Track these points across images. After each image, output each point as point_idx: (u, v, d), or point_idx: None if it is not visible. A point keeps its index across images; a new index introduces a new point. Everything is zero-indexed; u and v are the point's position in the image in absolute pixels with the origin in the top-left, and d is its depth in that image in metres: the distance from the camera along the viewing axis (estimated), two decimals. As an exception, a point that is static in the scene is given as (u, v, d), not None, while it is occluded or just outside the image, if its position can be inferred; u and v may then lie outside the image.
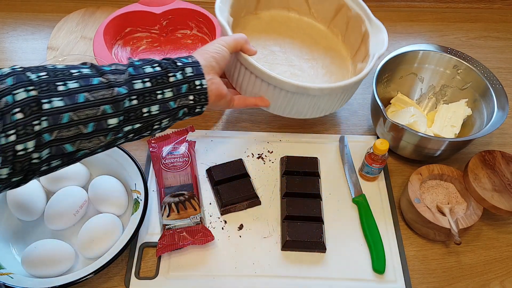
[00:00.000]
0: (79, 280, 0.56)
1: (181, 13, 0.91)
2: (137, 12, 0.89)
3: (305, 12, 0.86)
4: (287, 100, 0.68)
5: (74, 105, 0.45)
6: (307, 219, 0.67)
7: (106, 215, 0.65)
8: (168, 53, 0.91)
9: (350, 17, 0.81)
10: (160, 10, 0.90)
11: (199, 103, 0.56)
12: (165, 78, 0.52)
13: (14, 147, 0.42)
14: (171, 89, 0.53)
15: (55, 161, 0.47)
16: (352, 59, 0.82)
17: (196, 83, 0.55)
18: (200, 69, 0.55)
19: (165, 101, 0.52)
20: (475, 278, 0.65)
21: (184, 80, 0.54)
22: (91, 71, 0.49)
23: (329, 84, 0.67)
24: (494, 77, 0.75)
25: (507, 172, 0.68)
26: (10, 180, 0.44)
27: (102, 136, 0.48)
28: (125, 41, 0.90)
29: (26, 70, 0.45)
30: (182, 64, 0.54)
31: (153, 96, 0.51)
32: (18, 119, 0.42)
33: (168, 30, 0.93)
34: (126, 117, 0.49)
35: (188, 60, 0.56)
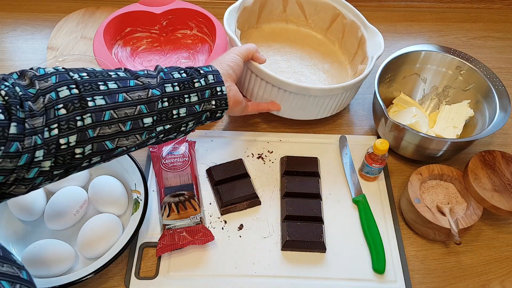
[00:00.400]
0: (79, 280, 0.56)
1: (181, 13, 0.91)
2: (137, 12, 0.89)
3: (303, 23, 0.92)
4: (295, 103, 0.73)
5: (114, 104, 0.49)
6: (307, 219, 0.67)
7: (106, 215, 0.65)
8: (168, 53, 0.91)
9: (346, 24, 0.86)
10: (160, 10, 0.90)
11: (220, 108, 0.61)
12: (191, 83, 0.57)
13: (58, 141, 0.45)
14: (196, 94, 0.57)
15: (96, 157, 0.50)
16: (350, 63, 0.86)
17: (217, 89, 0.60)
18: (220, 77, 0.60)
19: (191, 104, 0.57)
20: (475, 278, 0.65)
21: (207, 86, 0.58)
22: (126, 74, 0.53)
23: (332, 85, 0.71)
24: (497, 78, 0.75)
25: (507, 172, 0.68)
26: (52, 173, 0.47)
27: (138, 135, 0.52)
28: (125, 41, 0.90)
29: (69, 71, 0.48)
30: (204, 72, 0.59)
31: (181, 99, 0.55)
32: (61, 114, 0.45)
33: (168, 30, 0.93)
34: (158, 117, 0.53)
35: (209, 68, 0.60)
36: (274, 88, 0.71)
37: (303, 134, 0.80)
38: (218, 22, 0.88)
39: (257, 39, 0.88)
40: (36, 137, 0.43)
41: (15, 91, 0.43)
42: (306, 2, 0.88)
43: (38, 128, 0.43)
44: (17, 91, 0.43)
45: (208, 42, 0.92)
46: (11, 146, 0.41)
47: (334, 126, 0.83)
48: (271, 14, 0.89)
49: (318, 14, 0.89)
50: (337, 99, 0.75)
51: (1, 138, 0.41)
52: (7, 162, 0.41)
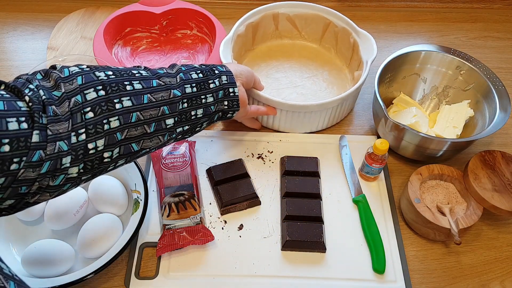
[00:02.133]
0: (79, 280, 0.56)
1: (181, 13, 0.91)
2: (137, 12, 0.89)
3: (297, 36, 0.94)
4: (295, 119, 0.77)
5: (140, 105, 0.48)
6: (307, 219, 0.67)
7: (106, 215, 0.65)
8: (168, 53, 0.91)
9: (337, 31, 0.89)
10: (160, 10, 0.90)
11: (232, 109, 0.62)
12: (206, 84, 0.57)
13: (86, 145, 0.44)
14: (212, 94, 0.58)
15: (122, 160, 0.49)
16: (348, 68, 0.89)
17: (230, 90, 0.61)
18: (232, 78, 0.61)
19: (207, 105, 0.57)
20: (475, 278, 0.65)
21: (221, 86, 0.60)
22: (148, 73, 0.52)
23: (329, 99, 0.74)
24: (497, 78, 0.75)
25: (507, 172, 0.68)
26: (80, 179, 0.46)
27: (161, 136, 0.52)
28: (125, 41, 0.90)
29: (94, 70, 0.47)
30: (219, 72, 0.60)
31: (199, 100, 0.56)
32: (88, 118, 0.44)
33: (168, 30, 0.93)
34: (179, 118, 0.53)
35: (223, 69, 0.61)
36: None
37: (303, 134, 0.80)
38: (218, 22, 0.88)
39: (255, 59, 0.91)
40: (61, 143, 0.42)
41: (39, 95, 0.41)
42: (296, 17, 0.91)
43: (64, 133, 0.42)
44: (40, 95, 0.42)
45: (208, 42, 0.92)
46: (33, 155, 0.40)
47: (334, 126, 0.83)
48: (265, 34, 0.92)
49: (309, 26, 0.92)
50: (336, 110, 0.78)
51: (24, 148, 0.39)
52: (29, 171, 0.40)
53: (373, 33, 0.84)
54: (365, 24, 0.92)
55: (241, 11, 0.88)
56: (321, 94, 0.85)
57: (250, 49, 0.92)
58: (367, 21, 1.05)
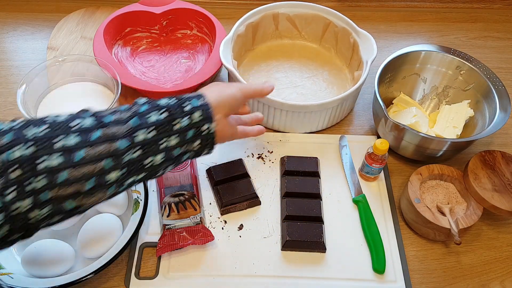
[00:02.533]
0: (79, 280, 0.56)
1: (181, 13, 0.91)
2: (137, 12, 0.89)
3: (297, 36, 0.94)
4: (295, 119, 0.76)
5: (72, 162, 0.43)
6: (307, 219, 0.67)
7: (106, 215, 0.65)
8: (168, 53, 0.91)
9: (337, 31, 0.89)
10: (160, 10, 0.90)
11: (206, 148, 0.55)
12: (169, 126, 0.50)
13: (11, 206, 0.41)
14: (177, 136, 0.50)
15: (57, 216, 0.45)
16: (348, 68, 0.89)
17: (203, 128, 0.52)
18: (209, 112, 0.53)
19: (170, 149, 0.50)
20: (475, 278, 0.65)
21: (191, 125, 0.51)
22: (91, 124, 0.46)
23: (329, 99, 0.74)
24: (497, 78, 0.75)
25: (507, 172, 0.68)
26: (12, 237, 0.43)
27: (103, 191, 0.46)
28: (125, 41, 0.90)
29: (27, 125, 0.44)
30: (190, 108, 0.52)
31: (157, 146, 0.49)
32: (13, 177, 0.41)
33: (168, 30, 0.93)
34: (128, 170, 0.47)
35: (199, 101, 0.53)
36: (271, 108, 0.75)
37: (303, 134, 0.80)
38: (218, 22, 0.88)
39: (255, 59, 0.91)
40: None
41: None
42: (296, 17, 0.91)
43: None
44: None
45: (208, 42, 0.92)
46: None
47: (334, 126, 0.83)
48: (265, 34, 0.92)
49: (309, 26, 0.92)
50: (336, 110, 0.78)
51: None
52: None
53: (373, 33, 0.84)
54: (365, 24, 0.92)
55: (241, 11, 0.88)
56: (321, 94, 0.85)
57: (250, 49, 0.92)
58: (367, 21, 1.05)
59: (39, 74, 0.79)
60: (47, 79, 0.81)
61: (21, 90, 0.75)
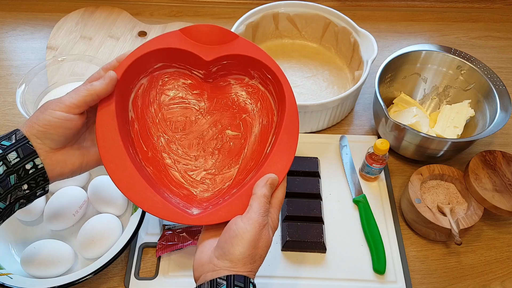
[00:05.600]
0: (78, 281, 0.56)
1: (242, 60, 0.56)
2: (174, 50, 0.55)
3: (297, 35, 0.94)
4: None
5: None
6: (307, 219, 0.67)
7: (105, 215, 0.65)
8: (211, 111, 0.58)
9: (338, 31, 0.88)
10: (212, 55, 0.55)
11: (39, 187, 0.47)
12: None
13: None
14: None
15: None
16: (349, 67, 0.89)
17: (27, 167, 0.45)
18: (30, 147, 0.45)
19: None
20: (475, 279, 0.65)
21: (10, 170, 0.44)
22: None
23: (329, 99, 0.73)
24: (498, 78, 0.75)
25: (507, 172, 0.68)
26: None
27: None
28: (151, 79, 0.56)
29: None
30: (1, 152, 0.44)
31: None
32: None
33: (218, 75, 0.58)
34: None
35: (12, 140, 0.44)
36: None
37: (303, 134, 0.80)
38: (289, 89, 0.54)
39: None
40: None
41: None
42: (296, 17, 0.90)
43: None
44: None
45: (269, 100, 0.57)
46: None
47: (335, 126, 0.82)
48: (265, 34, 0.92)
49: (309, 26, 0.91)
50: (337, 110, 0.78)
51: None
52: None
53: (373, 32, 0.84)
54: (365, 24, 0.92)
55: (241, 11, 0.88)
56: (321, 94, 0.85)
57: None
58: (367, 20, 1.04)
59: (38, 73, 0.79)
60: (47, 79, 0.81)
61: (20, 89, 0.75)
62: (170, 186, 0.53)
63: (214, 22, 0.99)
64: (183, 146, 0.56)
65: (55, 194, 0.66)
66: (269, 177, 0.47)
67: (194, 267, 0.45)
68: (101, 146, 0.48)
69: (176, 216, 0.47)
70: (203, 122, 0.58)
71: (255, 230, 0.43)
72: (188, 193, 0.53)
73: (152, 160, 0.54)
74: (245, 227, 0.43)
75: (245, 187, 0.49)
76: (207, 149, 0.57)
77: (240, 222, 0.44)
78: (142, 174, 0.49)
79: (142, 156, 0.53)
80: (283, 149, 0.50)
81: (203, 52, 0.55)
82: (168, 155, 0.55)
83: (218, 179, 0.55)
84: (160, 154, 0.55)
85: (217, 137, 0.57)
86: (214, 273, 0.42)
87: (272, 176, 0.47)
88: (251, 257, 0.43)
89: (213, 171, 0.55)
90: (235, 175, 0.55)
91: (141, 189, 0.47)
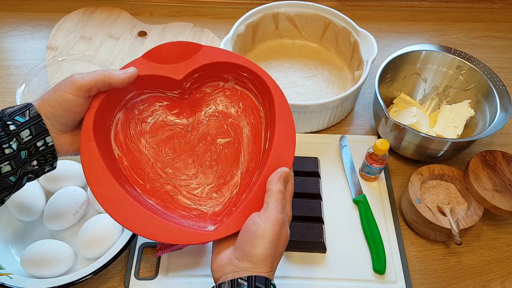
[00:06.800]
0: (78, 281, 0.56)
1: (212, 68, 0.55)
2: (145, 77, 0.53)
3: (297, 35, 0.94)
4: (295, 119, 0.74)
5: None
6: (307, 219, 0.67)
7: (105, 215, 0.64)
8: (195, 126, 0.58)
9: (338, 31, 0.88)
10: (182, 73, 0.53)
11: (47, 164, 0.48)
12: (0, 151, 0.44)
13: None
14: (8, 163, 0.44)
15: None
16: (349, 67, 0.89)
17: (39, 145, 0.46)
18: (41, 125, 0.46)
19: (3, 177, 0.44)
20: (475, 279, 0.65)
21: (22, 146, 0.45)
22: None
23: (329, 99, 0.73)
24: (498, 78, 0.75)
25: (507, 172, 0.68)
26: None
27: None
28: (126, 111, 0.54)
29: None
30: (16, 129, 0.44)
31: None
32: None
33: (192, 88, 0.56)
34: None
35: (25, 116, 0.45)
36: None
37: (303, 134, 0.80)
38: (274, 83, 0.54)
39: (255, 59, 0.90)
40: None
41: None
42: (296, 17, 0.90)
43: None
44: None
45: (251, 99, 0.57)
46: None
47: (334, 126, 0.82)
48: (265, 34, 0.92)
49: (309, 25, 0.91)
50: (337, 110, 0.78)
51: None
52: None
53: (373, 32, 0.84)
54: (365, 24, 0.92)
55: (241, 11, 0.88)
56: (321, 93, 0.85)
57: (250, 49, 0.92)
58: (367, 20, 1.04)
59: (38, 73, 0.79)
60: (47, 79, 0.81)
61: (20, 89, 0.75)
62: (179, 211, 0.51)
63: (214, 22, 1.00)
64: (178, 169, 0.55)
65: (55, 194, 0.66)
66: (282, 171, 0.46)
67: (214, 269, 0.45)
68: (96, 192, 0.46)
69: (194, 238, 0.45)
70: (191, 138, 0.57)
71: (275, 229, 0.42)
72: (199, 213, 0.52)
73: (152, 191, 0.52)
74: (265, 226, 0.42)
75: (254, 188, 0.47)
76: (203, 163, 0.56)
77: (260, 222, 0.43)
78: (148, 208, 0.47)
79: (141, 190, 0.51)
80: (283, 139, 0.49)
81: (172, 72, 0.53)
82: (166, 181, 0.54)
83: (224, 189, 0.54)
84: (159, 182, 0.54)
85: (210, 149, 0.56)
86: (235, 274, 0.42)
87: (285, 170, 0.47)
88: (272, 257, 0.42)
89: (216, 184, 0.54)
90: (239, 180, 0.54)
91: (152, 222, 0.45)
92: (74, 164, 0.68)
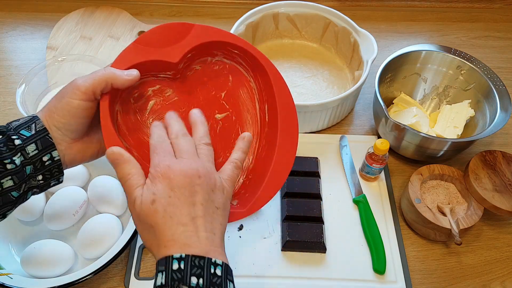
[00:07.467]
0: (78, 281, 0.56)
1: (205, 47, 0.54)
2: (140, 64, 0.50)
3: (297, 35, 0.94)
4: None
5: None
6: (307, 219, 0.67)
7: (105, 215, 0.64)
8: (188, 105, 0.56)
9: (338, 31, 0.88)
10: (178, 55, 0.51)
11: (53, 178, 0.47)
12: (1, 166, 0.42)
13: None
14: (10, 178, 0.43)
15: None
16: (349, 67, 0.89)
17: (44, 160, 0.45)
18: (48, 139, 0.44)
19: (4, 192, 0.43)
20: (475, 279, 0.65)
21: (27, 161, 0.44)
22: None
23: (329, 99, 0.73)
24: (498, 78, 0.75)
25: (507, 172, 0.68)
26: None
27: None
28: (122, 103, 0.52)
29: None
30: (21, 143, 0.43)
31: None
32: None
33: (184, 66, 0.55)
34: None
35: (31, 130, 0.44)
36: None
37: (303, 134, 0.80)
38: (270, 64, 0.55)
39: None
40: None
41: None
42: (296, 17, 0.90)
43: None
44: None
45: (242, 74, 0.57)
46: None
47: (334, 126, 0.82)
48: (265, 34, 0.92)
49: (309, 25, 0.91)
50: (337, 110, 0.78)
51: None
52: None
53: (373, 32, 0.84)
54: (365, 24, 0.92)
55: (241, 11, 0.88)
56: (321, 93, 0.85)
57: None
58: (367, 20, 1.04)
59: (38, 73, 0.79)
60: (47, 79, 0.81)
61: (20, 89, 0.75)
62: None
63: (214, 22, 1.00)
64: None
65: (55, 194, 0.66)
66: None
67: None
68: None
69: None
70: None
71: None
72: None
73: None
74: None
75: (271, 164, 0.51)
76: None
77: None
78: None
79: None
80: (285, 111, 0.53)
81: (168, 55, 0.51)
82: None
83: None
84: None
85: (211, 126, 0.56)
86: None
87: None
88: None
89: (223, 158, 0.54)
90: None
91: None
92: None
